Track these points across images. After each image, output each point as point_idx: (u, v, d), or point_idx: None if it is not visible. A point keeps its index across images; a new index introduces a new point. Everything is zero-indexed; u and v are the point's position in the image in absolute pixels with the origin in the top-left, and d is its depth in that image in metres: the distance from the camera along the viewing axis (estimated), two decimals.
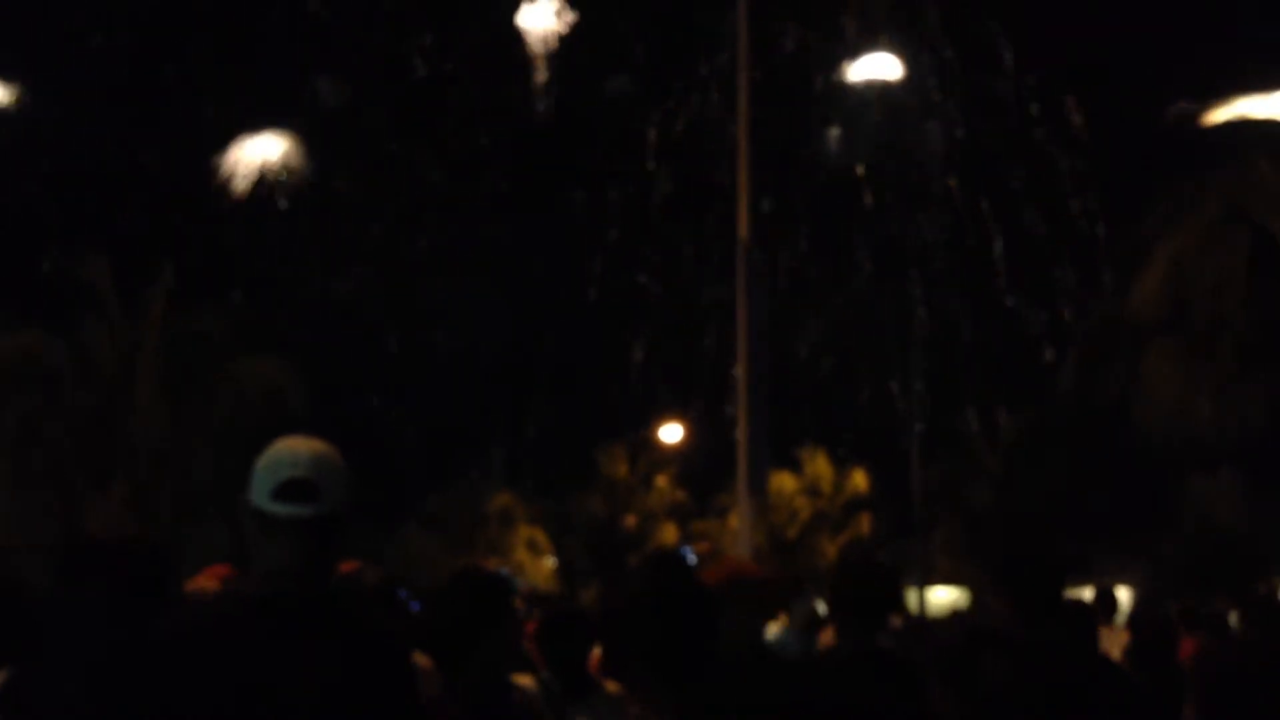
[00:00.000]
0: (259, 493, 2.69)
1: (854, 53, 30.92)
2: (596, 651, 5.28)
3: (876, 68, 29.63)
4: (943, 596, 28.55)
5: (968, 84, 34.45)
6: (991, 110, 34.16)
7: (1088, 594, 10.64)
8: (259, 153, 24.93)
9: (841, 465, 29.56)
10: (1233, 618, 8.08)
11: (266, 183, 22.33)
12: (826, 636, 6.39)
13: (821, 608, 9.88)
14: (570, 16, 32.89)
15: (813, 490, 29.54)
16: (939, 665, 4.73)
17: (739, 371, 13.09)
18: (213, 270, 27.27)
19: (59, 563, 3.39)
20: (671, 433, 29.07)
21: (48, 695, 2.93)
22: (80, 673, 2.89)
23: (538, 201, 35.04)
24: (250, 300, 26.51)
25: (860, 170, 33.09)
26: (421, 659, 4.88)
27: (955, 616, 10.98)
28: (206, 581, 4.40)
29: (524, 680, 4.06)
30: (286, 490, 2.67)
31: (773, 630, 7.94)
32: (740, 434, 12.94)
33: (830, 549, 28.57)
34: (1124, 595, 23.34)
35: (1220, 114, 18.44)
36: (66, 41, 31.47)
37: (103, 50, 31.43)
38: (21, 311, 21.07)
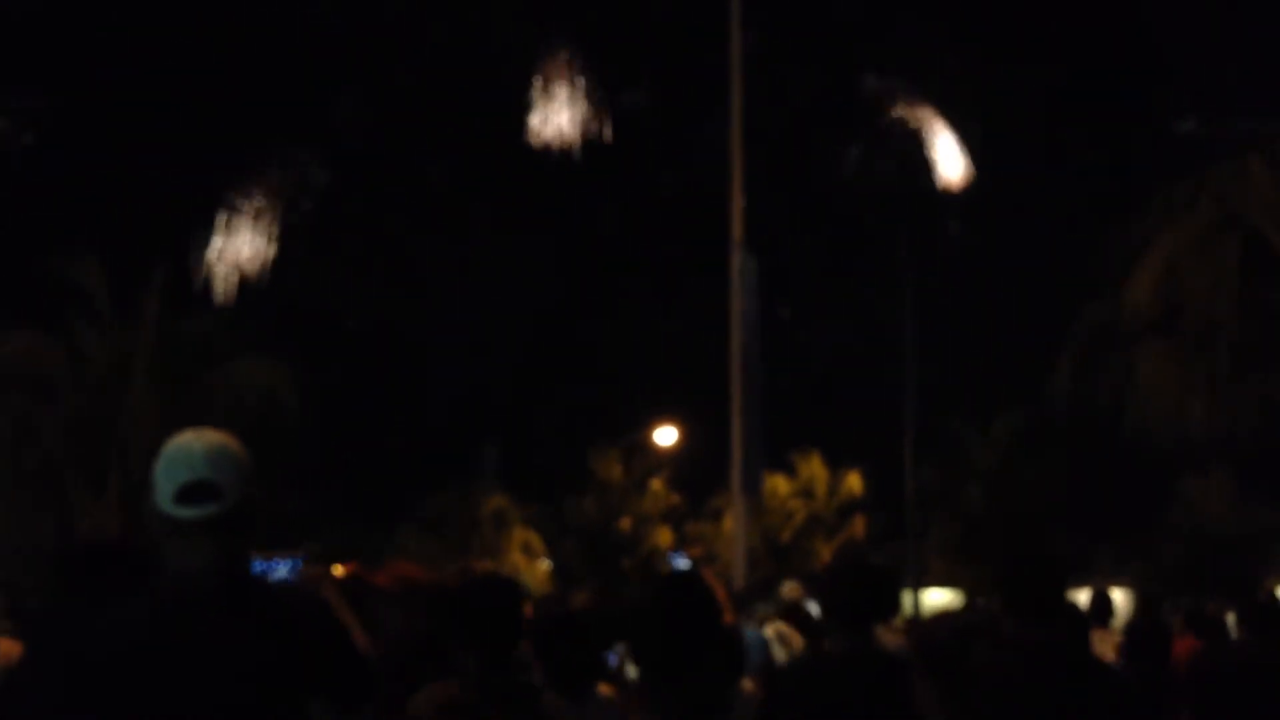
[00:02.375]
0: (161, 496, 2.68)
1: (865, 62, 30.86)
2: None
3: (948, 164, 29.86)
4: (937, 598, 28.55)
5: (964, 85, 34.53)
6: (986, 109, 34.24)
7: (1083, 597, 10.63)
8: (239, 253, 24.77)
9: (836, 468, 29.56)
10: (1230, 619, 8.07)
11: (249, 282, 22.23)
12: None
13: (815, 610, 9.89)
14: (590, 122, 32.83)
15: (807, 493, 29.55)
16: (930, 662, 4.73)
17: (732, 374, 13.08)
18: (208, 272, 27.27)
19: (51, 567, 3.39)
20: (666, 435, 29.06)
21: (47, 694, 2.93)
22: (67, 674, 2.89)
23: (536, 204, 35.05)
24: (245, 302, 26.45)
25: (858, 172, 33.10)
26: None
27: (946, 614, 10.94)
28: None
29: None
30: (187, 494, 2.66)
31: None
32: (734, 436, 12.93)
33: (825, 551, 28.57)
34: (1119, 597, 23.33)
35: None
36: (70, 46, 31.49)
37: (107, 55, 31.44)
38: (15, 314, 21.03)
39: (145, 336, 21.56)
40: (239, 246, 25.83)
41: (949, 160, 32.01)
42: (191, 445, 2.73)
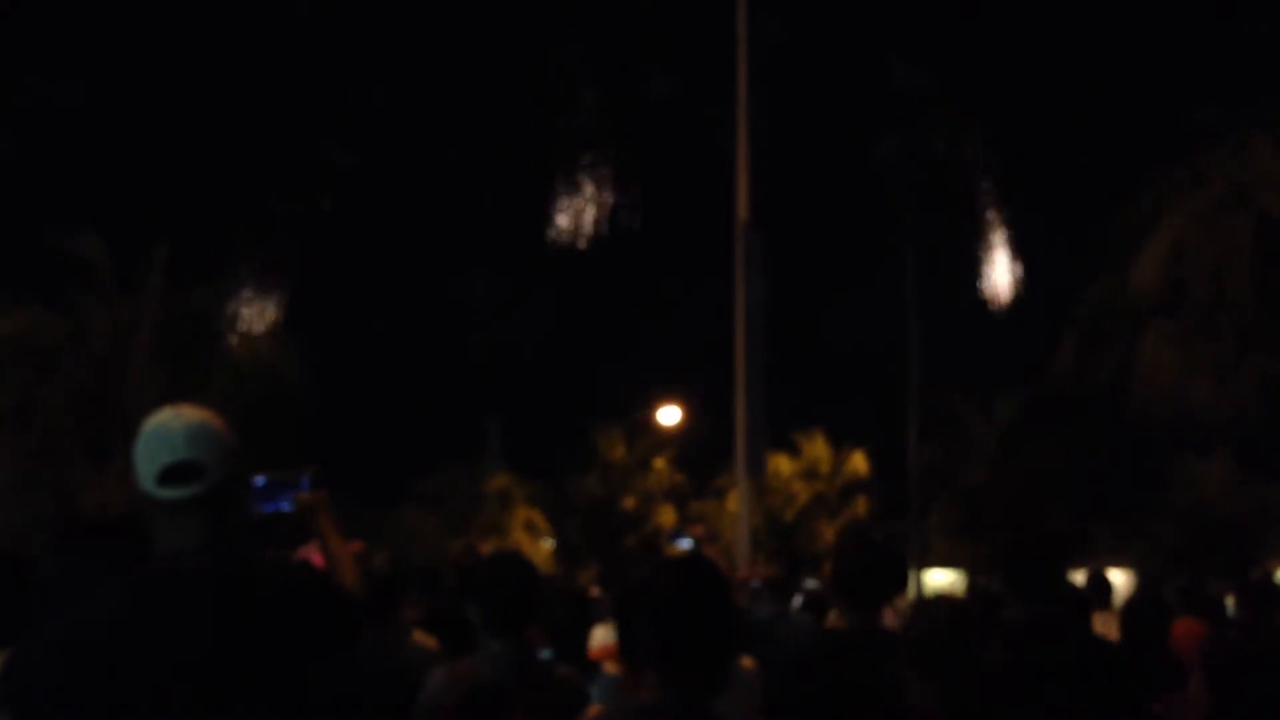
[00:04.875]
0: (144, 478, 2.67)
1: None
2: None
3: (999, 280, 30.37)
4: (939, 578, 28.62)
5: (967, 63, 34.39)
6: (995, 88, 34.11)
7: (1080, 577, 10.65)
8: (254, 317, 24.89)
9: (840, 447, 29.57)
10: (1229, 601, 8.09)
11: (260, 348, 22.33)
12: (834, 618, 6.41)
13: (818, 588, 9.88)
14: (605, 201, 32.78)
15: (810, 473, 29.56)
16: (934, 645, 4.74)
17: (737, 354, 13.06)
18: (212, 247, 27.21)
19: (52, 543, 3.39)
20: (669, 415, 29.08)
21: (41, 674, 2.92)
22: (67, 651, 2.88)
23: (538, 180, 34.99)
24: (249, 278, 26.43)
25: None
26: (428, 639, 4.89)
27: (932, 603, 10.97)
28: None
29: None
30: (170, 475, 2.65)
31: None
32: (738, 416, 12.92)
33: (828, 531, 28.61)
34: (1115, 577, 23.41)
35: None
36: (78, 27, 31.40)
37: (112, 32, 31.34)
38: (17, 288, 21.01)
39: (148, 311, 21.54)
40: (253, 312, 25.98)
41: (1000, 272, 32.44)
42: (170, 425, 2.70)
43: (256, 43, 32.46)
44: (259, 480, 3.15)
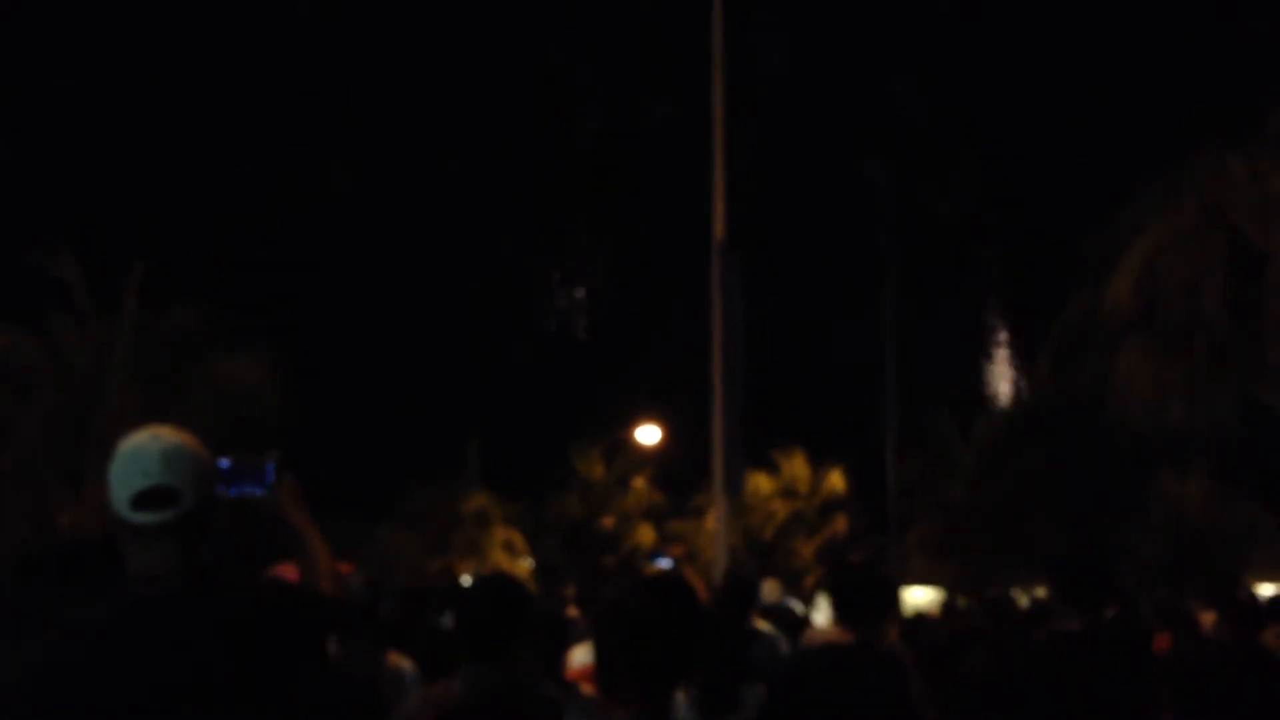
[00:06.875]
0: (118, 501, 2.64)
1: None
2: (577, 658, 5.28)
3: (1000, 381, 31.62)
4: (918, 597, 28.63)
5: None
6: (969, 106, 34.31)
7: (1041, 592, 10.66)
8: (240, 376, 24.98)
9: (818, 465, 29.59)
10: (1207, 618, 8.12)
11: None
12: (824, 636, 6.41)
13: (799, 607, 9.89)
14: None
15: (789, 491, 29.56)
16: (926, 662, 4.88)
17: (715, 372, 13.07)
18: (189, 266, 27.12)
19: (23, 566, 3.36)
20: (648, 434, 29.06)
21: (14, 699, 2.89)
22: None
23: (520, 196, 35.01)
24: (228, 297, 26.31)
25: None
26: (403, 661, 4.88)
27: (937, 619, 10.98)
28: None
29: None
30: (144, 500, 2.62)
31: None
32: (716, 435, 12.92)
33: (806, 550, 28.60)
34: None
35: None
36: (60, 38, 31.30)
37: (95, 48, 31.26)
38: None
39: (125, 332, 21.42)
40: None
41: (1002, 378, 33.64)
42: (146, 448, 2.67)
43: (242, 62, 32.42)
44: (223, 463, 3.11)
